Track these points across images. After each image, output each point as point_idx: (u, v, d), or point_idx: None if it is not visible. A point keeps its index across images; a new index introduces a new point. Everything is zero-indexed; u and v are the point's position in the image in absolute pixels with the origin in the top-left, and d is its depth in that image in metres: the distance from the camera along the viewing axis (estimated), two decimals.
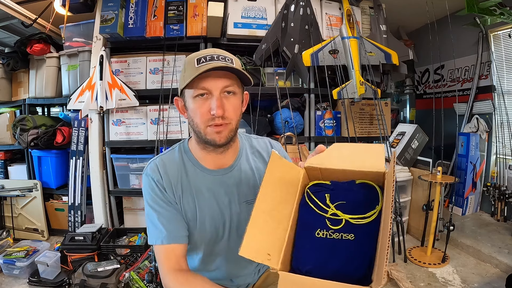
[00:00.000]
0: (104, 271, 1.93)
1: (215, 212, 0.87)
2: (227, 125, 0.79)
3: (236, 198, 0.88)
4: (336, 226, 0.59)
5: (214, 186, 0.87)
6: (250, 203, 0.87)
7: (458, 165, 3.13)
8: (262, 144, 0.98)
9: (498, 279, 2.05)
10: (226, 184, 0.88)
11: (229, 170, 0.88)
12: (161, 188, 0.84)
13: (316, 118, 2.67)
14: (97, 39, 2.50)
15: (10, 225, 2.71)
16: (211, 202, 0.86)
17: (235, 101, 0.80)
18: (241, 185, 0.88)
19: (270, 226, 0.59)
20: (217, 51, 0.79)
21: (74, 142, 2.61)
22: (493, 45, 3.11)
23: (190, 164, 0.87)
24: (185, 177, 0.86)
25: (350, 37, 2.48)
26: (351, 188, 0.63)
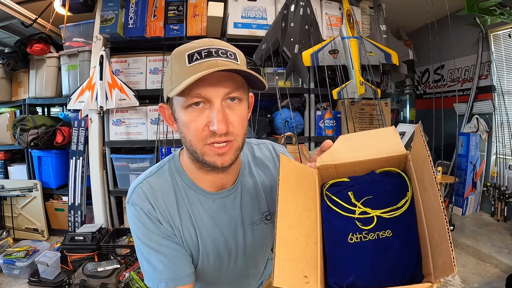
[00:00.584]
0: (104, 271, 1.93)
1: (219, 241, 0.72)
2: (231, 143, 0.61)
3: (241, 222, 0.74)
4: (369, 226, 0.51)
5: (215, 211, 0.71)
6: (257, 224, 0.75)
7: (458, 165, 3.14)
8: (265, 152, 0.81)
9: (498, 279, 2.05)
10: (229, 207, 0.73)
11: (232, 191, 0.73)
12: (154, 221, 0.66)
13: (316, 118, 2.67)
14: (97, 39, 2.50)
15: (10, 225, 2.71)
16: (214, 230, 0.71)
17: (241, 110, 0.62)
18: (246, 207, 0.74)
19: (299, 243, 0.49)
20: (214, 42, 0.59)
21: (74, 142, 2.61)
22: (493, 45, 3.11)
23: (184, 186, 0.70)
24: (182, 201, 0.69)
25: (350, 37, 2.48)
26: (373, 180, 0.55)
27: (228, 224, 0.72)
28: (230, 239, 0.73)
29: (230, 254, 0.74)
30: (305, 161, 2.29)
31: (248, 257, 0.77)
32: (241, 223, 0.73)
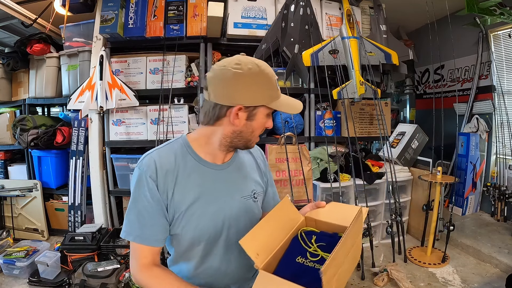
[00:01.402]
0: (104, 271, 1.93)
1: (215, 208, 0.85)
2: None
3: (235, 193, 0.89)
4: (314, 258, 0.78)
5: (215, 181, 0.86)
6: (247, 199, 0.91)
7: (458, 165, 3.13)
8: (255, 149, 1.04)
9: (498, 279, 2.05)
10: (227, 179, 0.88)
11: (229, 165, 0.90)
12: (151, 187, 0.79)
13: (316, 118, 2.67)
14: (97, 39, 2.50)
15: (10, 225, 2.71)
16: (211, 197, 0.85)
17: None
18: (240, 180, 0.92)
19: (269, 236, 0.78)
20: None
21: (74, 142, 2.61)
22: (493, 45, 3.11)
23: (190, 158, 0.85)
24: (183, 170, 0.83)
25: (350, 37, 2.48)
26: (332, 237, 0.82)
27: (226, 193, 0.88)
28: (225, 206, 0.87)
29: (224, 221, 0.86)
30: (305, 160, 2.29)
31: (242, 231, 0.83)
32: (235, 194, 0.89)
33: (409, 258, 2.35)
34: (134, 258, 0.82)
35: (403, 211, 2.65)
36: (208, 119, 0.83)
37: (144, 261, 0.81)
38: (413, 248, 2.51)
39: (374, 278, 2.07)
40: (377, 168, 2.65)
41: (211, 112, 0.81)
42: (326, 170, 2.39)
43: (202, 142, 0.86)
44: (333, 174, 2.33)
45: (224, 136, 0.83)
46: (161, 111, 2.39)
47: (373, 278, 2.08)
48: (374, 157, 2.93)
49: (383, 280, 2.02)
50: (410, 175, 2.72)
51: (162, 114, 2.39)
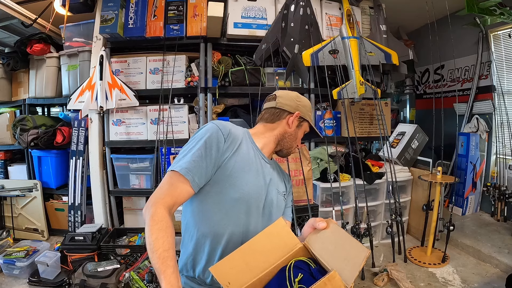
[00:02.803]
0: (104, 271, 1.93)
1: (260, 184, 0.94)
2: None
3: (274, 184, 0.99)
4: None
5: (263, 166, 0.97)
6: (280, 195, 1.01)
7: (458, 165, 3.13)
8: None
9: (498, 279, 2.05)
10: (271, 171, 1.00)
11: (273, 163, 1.05)
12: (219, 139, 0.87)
13: (316, 118, 2.67)
14: (97, 39, 2.50)
15: (10, 225, 2.71)
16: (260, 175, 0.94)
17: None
18: (279, 178, 1.05)
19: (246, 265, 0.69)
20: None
21: (74, 142, 2.61)
22: (493, 45, 3.11)
23: (250, 142, 0.99)
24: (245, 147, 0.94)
25: (350, 37, 2.48)
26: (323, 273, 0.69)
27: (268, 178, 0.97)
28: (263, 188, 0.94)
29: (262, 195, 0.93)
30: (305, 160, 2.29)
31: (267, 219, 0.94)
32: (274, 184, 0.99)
33: (409, 258, 2.35)
34: (161, 189, 0.80)
35: (403, 211, 2.65)
36: (272, 118, 1.03)
37: (168, 200, 0.78)
38: (413, 248, 2.51)
39: (374, 278, 2.07)
40: (377, 168, 2.65)
41: (276, 114, 1.03)
42: (326, 170, 2.39)
43: (260, 134, 1.03)
44: (333, 174, 2.33)
45: (278, 134, 1.03)
46: (161, 111, 2.39)
47: (373, 278, 2.08)
48: (374, 157, 2.94)
49: (383, 280, 2.02)
50: (410, 175, 2.72)
51: (162, 114, 2.39)
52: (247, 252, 0.69)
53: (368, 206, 2.37)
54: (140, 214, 2.69)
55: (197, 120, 2.53)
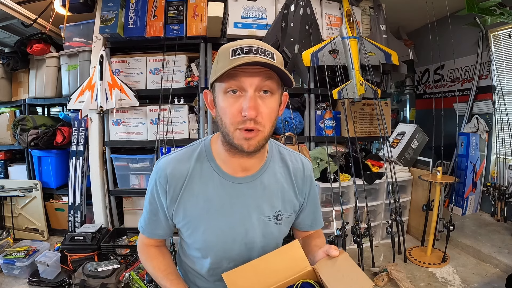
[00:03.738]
0: (104, 271, 1.93)
1: (226, 224, 0.79)
2: (258, 132, 0.69)
3: (253, 212, 0.80)
4: None
5: (230, 195, 0.79)
6: (268, 220, 0.82)
7: (458, 165, 3.13)
8: (293, 157, 0.89)
9: (498, 279, 2.05)
10: (246, 195, 0.80)
11: (252, 179, 0.80)
12: (159, 191, 0.79)
13: (316, 118, 2.67)
14: (97, 39, 2.50)
15: (10, 225, 2.71)
16: (222, 213, 0.79)
17: (272, 103, 0.70)
18: (261, 199, 0.81)
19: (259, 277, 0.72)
20: (256, 42, 0.69)
21: (74, 142, 2.61)
22: (493, 45, 3.11)
23: (207, 166, 0.79)
24: (197, 181, 0.79)
25: (350, 37, 2.48)
26: None
27: (241, 209, 0.79)
28: (238, 224, 0.80)
29: (236, 238, 0.80)
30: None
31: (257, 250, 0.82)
32: (253, 213, 0.80)
33: (409, 258, 2.35)
34: (141, 240, 0.91)
35: (403, 211, 2.64)
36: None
37: (145, 241, 0.90)
38: (413, 248, 2.51)
39: (374, 278, 2.07)
40: (377, 168, 2.65)
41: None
42: (326, 170, 2.39)
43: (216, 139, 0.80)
44: (333, 174, 2.33)
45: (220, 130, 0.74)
46: (161, 111, 2.39)
47: (373, 278, 2.08)
48: (374, 157, 2.94)
49: (383, 280, 2.02)
50: (410, 175, 2.72)
51: (162, 114, 2.39)
52: (259, 266, 0.72)
53: (368, 206, 2.37)
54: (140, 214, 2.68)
55: (197, 120, 2.53)
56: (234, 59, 0.65)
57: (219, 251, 0.81)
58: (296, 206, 0.87)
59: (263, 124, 0.68)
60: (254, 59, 0.64)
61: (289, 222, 0.88)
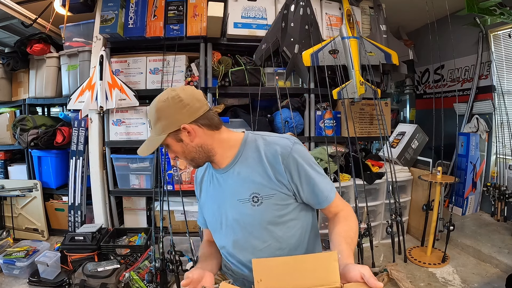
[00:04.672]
0: (104, 271, 1.93)
1: (213, 208, 1.03)
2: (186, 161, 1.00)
3: (229, 197, 0.98)
4: None
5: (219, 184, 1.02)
6: (244, 203, 0.95)
7: (458, 165, 3.13)
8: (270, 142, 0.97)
9: (498, 279, 2.05)
10: (225, 183, 1.00)
11: (226, 170, 0.99)
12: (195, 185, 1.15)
13: (316, 118, 2.67)
14: (97, 39, 2.50)
15: (10, 225, 2.71)
16: (212, 199, 1.05)
17: (173, 149, 0.95)
18: (238, 184, 0.97)
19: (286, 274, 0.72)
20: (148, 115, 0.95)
21: (74, 142, 2.61)
22: (493, 45, 3.11)
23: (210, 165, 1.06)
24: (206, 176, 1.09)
25: (350, 37, 2.48)
26: None
27: (222, 195, 1.00)
28: (220, 209, 1.00)
29: (221, 222, 1.01)
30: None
31: (246, 231, 0.96)
32: (230, 197, 0.98)
33: (409, 258, 2.35)
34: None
35: (403, 211, 2.64)
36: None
37: (204, 237, 1.20)
38: (413, 248, 2.51)
39: None
40: (377, 168, 2.65)
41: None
42: (326, 170, 2.39)
43: None
44: (333, 174, 2.33)
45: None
46: None
47: None
48: (374, 157, 2.94)
49: (383, 280, 2.02)
50: (410, 175, 2.72)
51: None
52: (290, 263, 0.73)
53: (368, 206, 2.37)
54: (140, 214, 2.69)
55: None
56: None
57: (216, 232, 1.05)
58: (278, 187, 0.93)
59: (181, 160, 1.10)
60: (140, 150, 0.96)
61: (275, 204, 0.94)
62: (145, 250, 2.19)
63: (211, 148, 0.96)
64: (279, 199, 0.94)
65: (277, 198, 0.93)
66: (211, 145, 0.96)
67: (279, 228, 0.96)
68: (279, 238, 0.96)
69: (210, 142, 0.95)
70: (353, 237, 0.89)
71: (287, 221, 0.96)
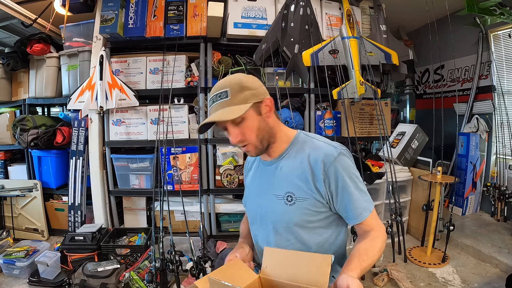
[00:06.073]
0: (104, 271, 1.93)
1: (254, 196, 1.07)
2: (248, 145, 0.93)
3: (267, 189, 1.00)
4: None
5: (261, 176, 1.05)
6: (279, 199, 0.96)
7: (458, 165, 3.14)
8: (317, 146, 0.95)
9: (498, 279, 2.05)
10: (268, 175, 1.01)
11: (271, 163, 1.01)
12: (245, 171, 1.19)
13: (316, 118, 2.67)
14: (97, 39, 2.50)
15: (10, 225, 2.71)
16: (254, 188, 1.08)
17: (246, 125, 0.89)
18: (277, 179, 0.98)
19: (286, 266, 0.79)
20: (218, 86, 0.90)
21: (74, 142, 2.61)
22: (493, 45, 3.11)
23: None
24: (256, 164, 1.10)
25: (350, 37, 2.48)
26: None
27: (263, 187, 1.03)
28: (259, 200, 1.04)
29: (258, 212, 1.04)
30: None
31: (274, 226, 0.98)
32: (269, 190, 0.99)
33: (409, 258, 2.35)
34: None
35: (403, 211, 2.65)
36: None
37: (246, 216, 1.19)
38: (413, 248, 2.51)
39: (374, 278, 2.07)
40: (377, 168, 2.65)
41: None
42: None
43: None
44: None
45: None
46: (161, 111, 2.39)
47: (373, 278, 2.08)
48: (374, 157, 2.93)
49: (383, 280, 2.02)
50: (410, 175, 2.72)
51: (162, 114, 2.38)
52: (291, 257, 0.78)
53: None
54: (140, 214, 2.69)
55: (197, 120, 2.53)
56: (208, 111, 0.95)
57: (252, 218, 1.08)
58: (312, 193, 0.92)
59: (247, 140, 0.91)
60: (208, 120, 0.88)
61: (306, 208, 0.93)
62: (145, 250, 2.19)
63: (274, 134, 0.96)
64: (312, 204, 0.92)
65: (310, 203, 0.92)
66: (275, 132, 0.96)
67: (305, 232, 0.95)
68: (303, 241, 0.95)
69: (276, 128, 0.96)
70: (371, 256, 0.85)
71: (315, 228, 0.95)
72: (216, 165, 2.54)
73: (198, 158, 2.46)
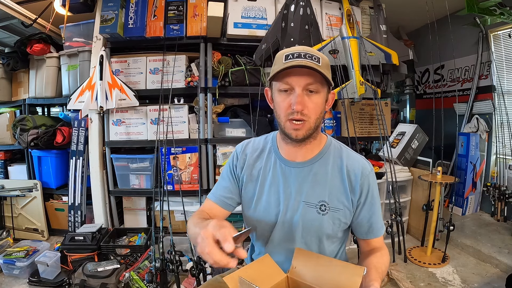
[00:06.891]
0: (104, 271, 1.93)
1: (273, 198, 0.93)
2: (305, 122, 0.83)
3: (296, 194, 0.91)
4: None
5: (281, 174, 0.93)
6: (310, 207, 0.89)
7: (458, 165, 3.14)
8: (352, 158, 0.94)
9: (498, 279, 2.05)
10: (295, 178, 0.91)
11: (303, 166, 0.92)
12: (235, 163, 1.01)
13: None
14: (97, 39, 2.50)
15: (10, 225, 2.71)
16: (271, 189, 0.94)
17: (317, 100, 0.84)
18: (309, 185, 0.90)
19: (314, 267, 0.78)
20: (306, 48, 0.84)
21: (74, 142, 2.61)
22: (493, 45, 3.11)
23: (270, 149, 0.98)
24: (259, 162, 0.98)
25: (350, 37, 2.48)
26: None
27: (286, 189, 0.92)
28: (281, 202, 0.92)
29: (277, 215, 0.92)
30: None
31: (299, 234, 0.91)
32: (296, 195, 0.91)
33: (409, 258, 2.35)
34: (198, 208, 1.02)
35: (403, 211, 2.65)
36: None
37: (201, 207, 1.01)
38: (413, 248, 2.51)
39: None
40: (377, 168, 2.65)
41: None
42: None
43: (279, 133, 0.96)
44: None
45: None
46: (161, 111, 2.39)
47: None
48: (374, 157, 2.93)
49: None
50: (410, 175, 2.72)
51: (162, 114, 2.39)
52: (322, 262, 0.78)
53: None
54: (140, 214, 2.69)
55: (197, 120, 2.53)
56: (286, 62, 0.81)
57: (264, 221, 0.94)
58: (346, 204, 0.90)
59: (308, 115, 0.82)
60: (299, 63, 0.78)
61: (338, 219, 0.90)
62: (145, 250, 2.19)
63: (319, 129, 0.90)
64: (343, 215, 0.91)
65: (341, 214, 0.90)
66: (319, 128, 0.90)
67: (328, 243, 0.93)
68: (321, 251, 0.93)
69: (320, 125, 0.89)
70: (383, 270, 0.85)
71: (336, 240, 0.95)
72: (216, 165, 2.54)
73: (198, 158, 2.46)
